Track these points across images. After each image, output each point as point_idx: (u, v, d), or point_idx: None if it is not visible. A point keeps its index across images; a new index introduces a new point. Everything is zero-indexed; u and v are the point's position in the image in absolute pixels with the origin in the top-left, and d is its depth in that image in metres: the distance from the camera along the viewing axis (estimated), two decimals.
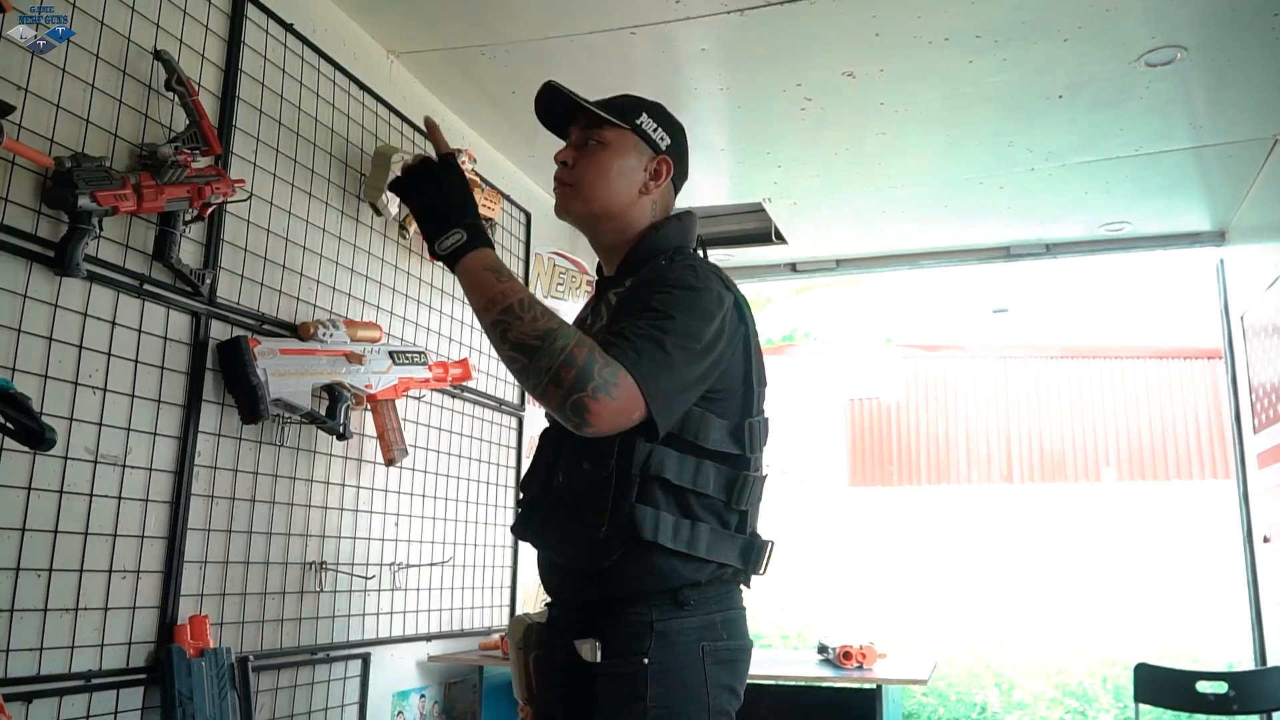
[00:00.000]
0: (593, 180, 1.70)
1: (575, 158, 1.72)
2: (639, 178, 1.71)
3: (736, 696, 1.60)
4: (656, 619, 1.53)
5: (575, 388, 1.40)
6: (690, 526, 1.55)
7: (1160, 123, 3.12)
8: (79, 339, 1.82)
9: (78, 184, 1.72)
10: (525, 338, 1.45)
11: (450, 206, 1.57)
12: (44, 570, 1.73)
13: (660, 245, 1.70)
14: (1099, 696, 6.12)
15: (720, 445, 1.59)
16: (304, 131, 2.44)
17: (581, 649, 1.56)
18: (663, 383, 1.46)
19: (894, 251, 4.54)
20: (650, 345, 1.47)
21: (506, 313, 1.47)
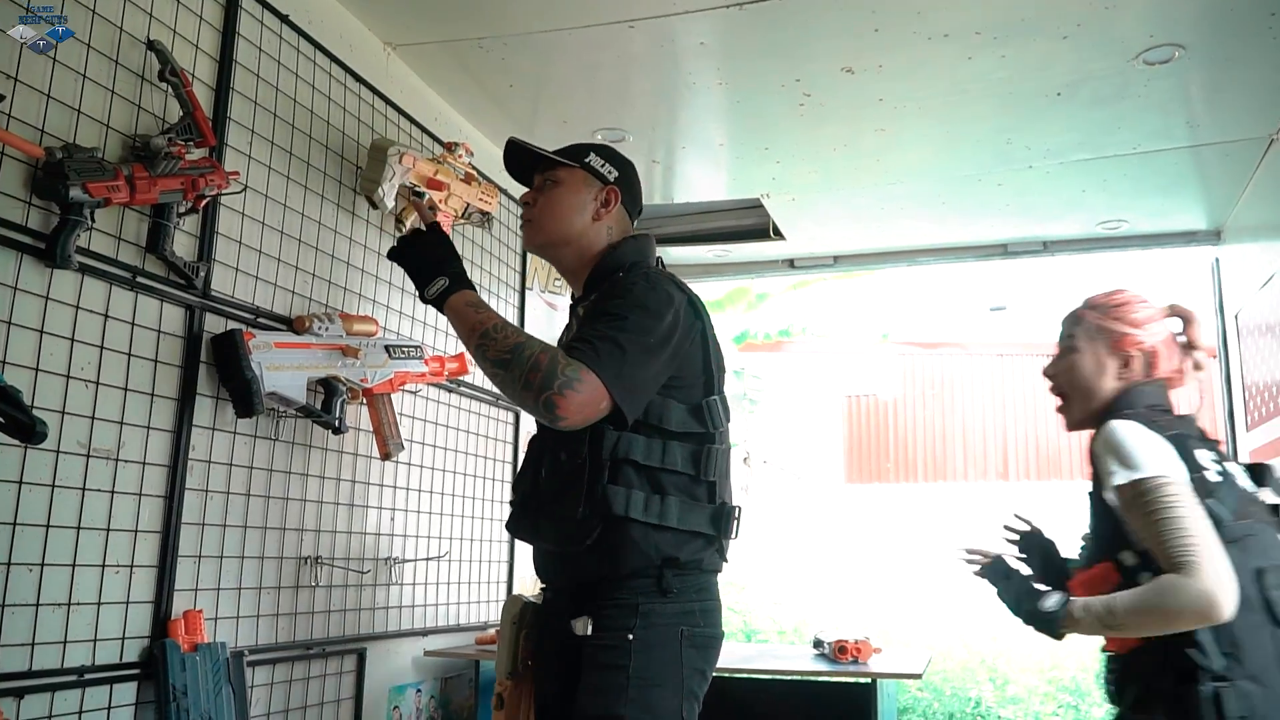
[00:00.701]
0: (548, 214, 1.96)
1: (535, 198, 1.99)
2: (591, 207, 1.96)
3: (705, 679, 1.80)
4: (642, 602, 1.74)
5: (544, 387, 1.64)
6: (660, 500, 1.75)
7: (1158, 121, 3.12)
8: (71, 332, 1.80)
9: (69, 175, 1.71)
10: (500, 354, 1.72)
11: (436, 260, 1.89)
12: (36, 565, 1.72)
13: (618, 262, 1.93)
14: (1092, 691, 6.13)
15: (683, 426, 1.79)
16: (299, 124, 2.43)
17: (575, 625, 1.76)
18: (623, 375, 1.69)
19: (892, 248, 4.53)
20: (607, 344, 1.70)
21: (484, 337, 1.75)
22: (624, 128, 3.27)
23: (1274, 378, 3.39)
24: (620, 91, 3.03)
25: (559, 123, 3.23)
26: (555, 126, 3.26)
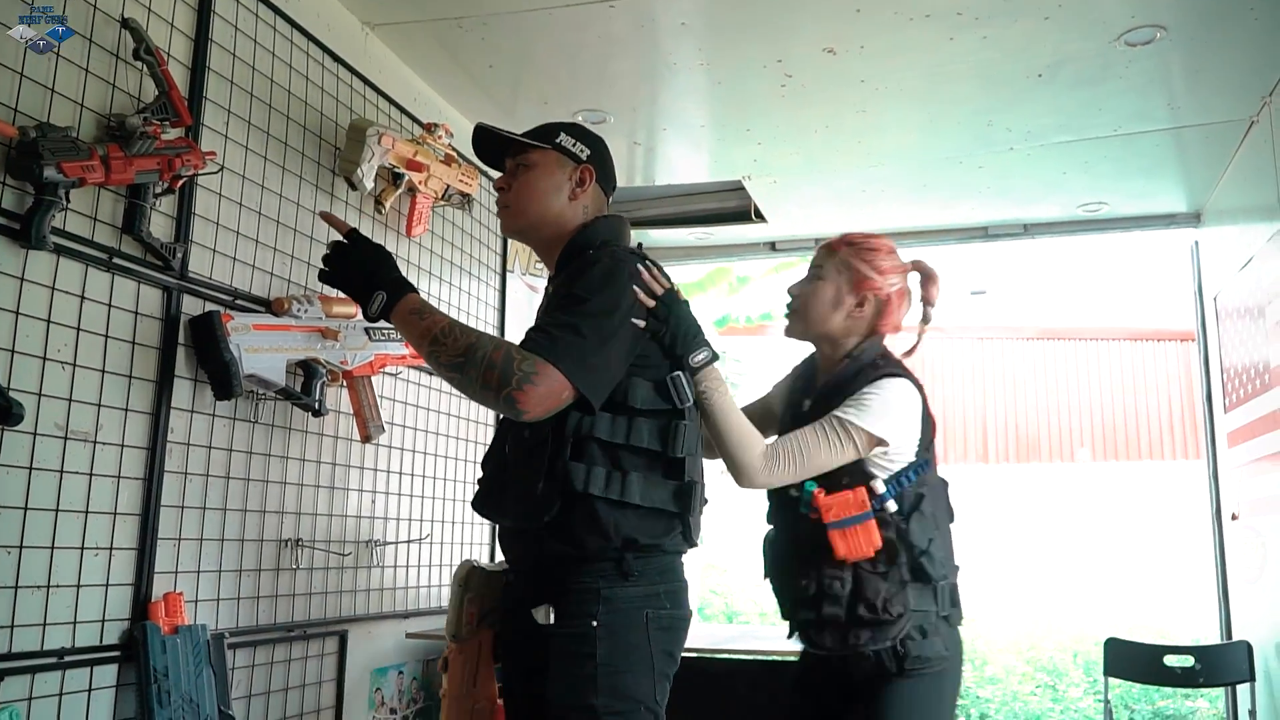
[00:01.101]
0: (525, 198, 1.92)
1: (509, 182, 1.95)
2: (566, 187, 1.92)
3: (674, 661, 1.79)
4: (604, 587, 1.71)
5: (502, 384, 1.63)
6: (622, 478, 1.71)
7: (1139, 103, 3.13)
8: (47, 313, 1.78)
9: (43, 154, 1.68)
10: (453, 358, 1.68)
11: (368, 274, 1.78)
12: (14, 547, 1.71)
13: (590, 240, 1.89)
14: (1069, 671, 6.20)
15: (649, 403, 1.76)
16: (277, 104, 2.41)
17: (536, 614, 1.73)
18: (585, 362, 1.67)
19: (874, 230, 4.51)
20: (565, 332, 1.68)
21: (434, 343, 1.71)
22: (604, 109, 3.26)
23: (1252, 360, 3.42)
24: (601, 72, 3.02)
25: (539, 103, 3.21)
26: (536, 107, 3.24)
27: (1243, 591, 3.79)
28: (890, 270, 2.05)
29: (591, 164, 1.93)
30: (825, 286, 2.03)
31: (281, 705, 2.35)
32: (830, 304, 2.03)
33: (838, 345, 2.06)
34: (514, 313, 3.60)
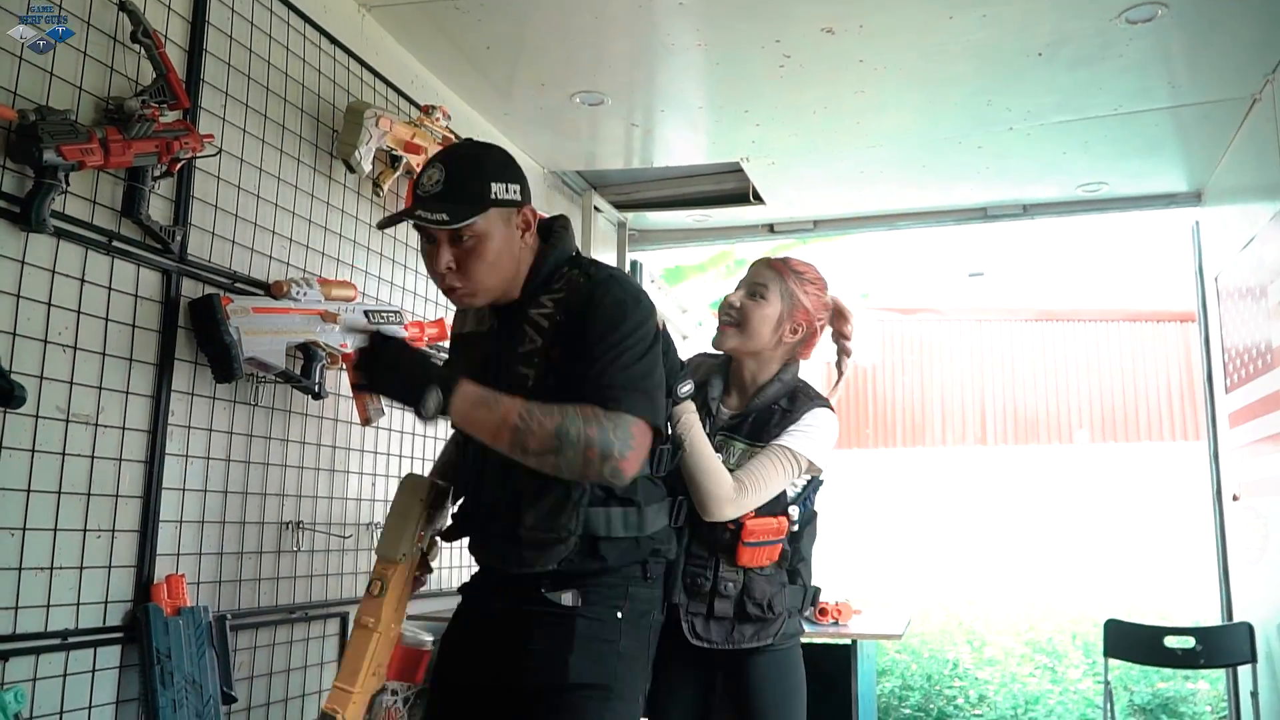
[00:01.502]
0: (484, 273, 1.72)
1: (460, 260, 1.71)
2: (515, 238, 1.75)
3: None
4: (630, 585, 1.76)
5: (604, 459, 1.60)
6: (637, 513, 1.74)
7: (1139, 81, 3.12)
8: (48, 296, 1.79)
9: (42, 138, 1.68)
10: (543, 445, 1.60)
11: (413, 376, 1.67)
12: (17, 529, 1.72)
13: (560, 260, 1.80)
14: (1069, 653, 6.22)
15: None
16: (274, 86, 2.40)
17: (560, 597, 1.72)
18: (653, 401, 1.69)
19: (872, 212, 4.53)
20: (632, 382, 1.66)
21: (515, 433, 1.61)
22: (602, 90, 3.25)
23: (1253, 340, 3.42)
24: (598, 53, 3.01)
25: (536, 85, 3.21)
26: (533, 89, 3.23)
27: (1244, 572, 3.80)
28: (821, 307, 2.20)
29: (525, 200, 1.76)
30: (768, 307, 2.12)
31: (284, 686, 2.36)
32: (772, 325, 2.12)
33: (764, 365, 2.16)
34: None
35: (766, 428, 2.09)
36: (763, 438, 2.07)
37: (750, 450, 2.08)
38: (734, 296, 2.16)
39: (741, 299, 2.15)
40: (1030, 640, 6.45)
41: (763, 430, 2.09)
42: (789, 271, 2.17)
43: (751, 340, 2.12)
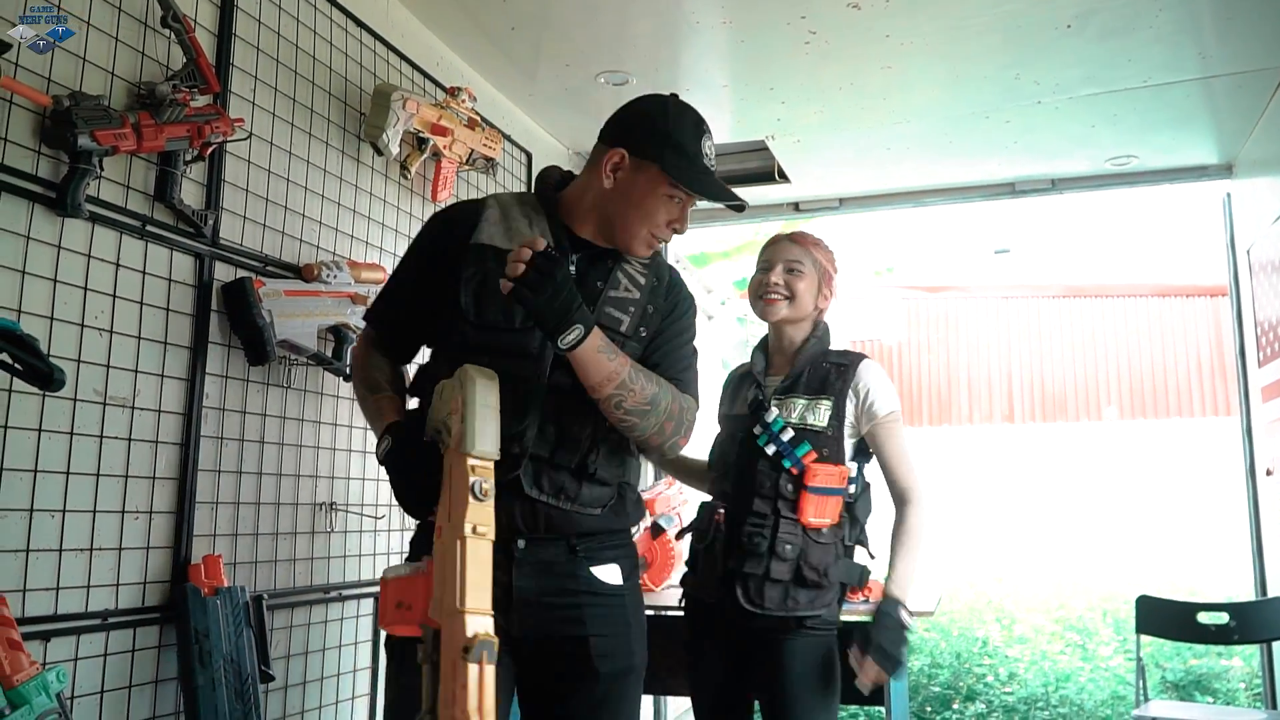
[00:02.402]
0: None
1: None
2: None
3: None
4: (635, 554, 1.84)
5: (674, 434, 1.73)
6: (636, 463, 1.84)
7: (1169, 52, 3.08)
8: (84, 281, 1.81)
9: (77, 123, 1.70)
10: (638, 405, 1.66)
11: (568, 305, 1.56)
12: (57, 511, 1.74)
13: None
14: (1099, 630, 6.20)
15: None
16: (302, 70, 2.41)
17: (604, 574, 1.74)
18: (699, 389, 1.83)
19: (898, 189, 4.50)
20: (696, 374, 1.83)
21: (621, 387, 1.63)
22: (626, 70, 3.24)
23: None
24: (622, 33, 3.00)
25: (561, 66, 3.20)
26: (557, 69, 3.23)
27: (1277, 547, 3.77)
28: (835, 270, 2.38)
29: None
30: (807, 279, 2.30)
31: (319, 665, 2.39)
32: (814, 294, 2.31)
33: (801, 329, 2.33)
34: None
35: (828, 382, 2.25)
36: (827, 391, 2.24)
37: (812, 403, 2.22)
38: (774, 275, 2.30)
39: (782, 275, 2.29)
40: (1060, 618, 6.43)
41: (824, 385, 2.25)
42: (811, 244, 2.34)
43: (800, 309, 2.29)
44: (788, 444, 2.17)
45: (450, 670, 1.28)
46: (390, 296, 1.82)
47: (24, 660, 1.54)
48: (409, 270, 1.80)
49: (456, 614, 1.30)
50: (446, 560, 1.35)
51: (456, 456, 1.41)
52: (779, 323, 2.32)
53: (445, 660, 1.30)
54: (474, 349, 1.61)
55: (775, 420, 2.19)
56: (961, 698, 5.46)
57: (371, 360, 1.80)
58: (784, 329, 2.33)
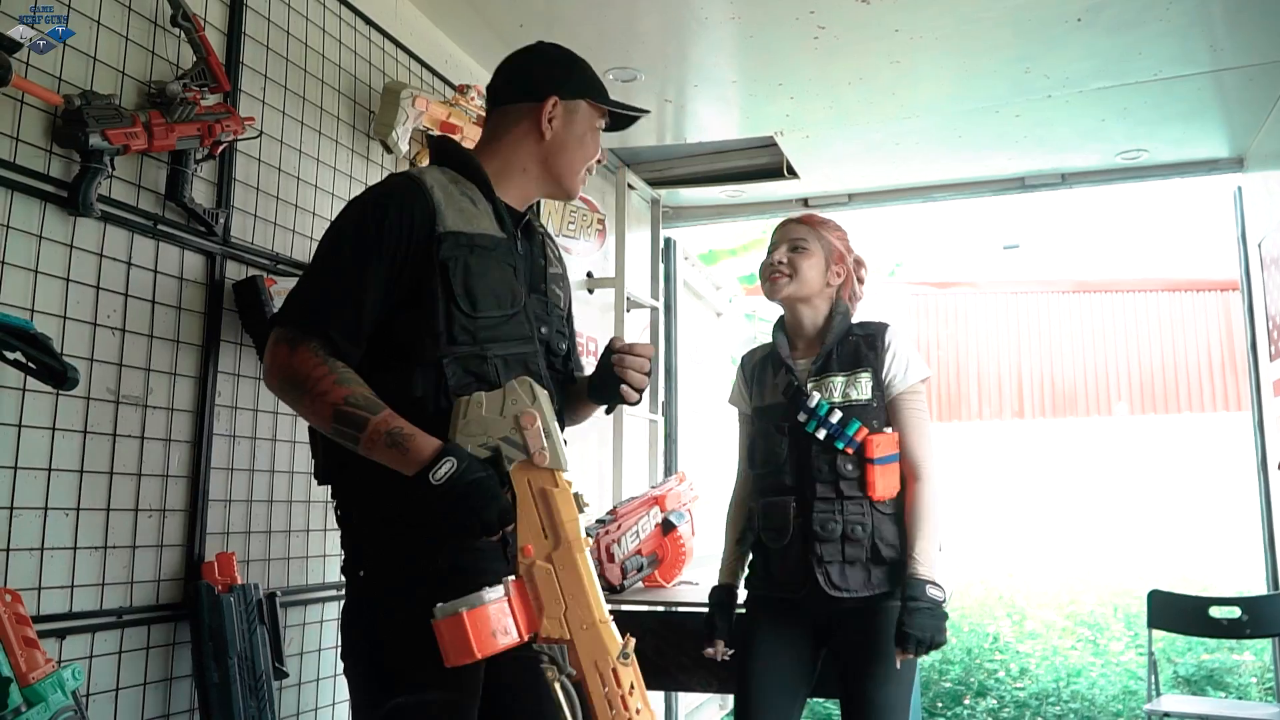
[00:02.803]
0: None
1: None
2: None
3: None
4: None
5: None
6: None
7: (1180, 45, 3.06)
8: (96, 279, 1.82)
9: (88, 122, 1.71)
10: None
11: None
12: (71, 509, 1.75)
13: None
14: (1110, 625, 6.19)
15: None
16: (311, 68, 2.41)
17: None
18: None
19: (907, 184, 4.49)
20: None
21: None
22: (634, 66, 3.24)
23: None
24: (630, 29, 2.99)
25: None
26: None
27: None
28: (848, 250, 2.36)
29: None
30: (812, 257, 2.29)
31: (333, 662, 2.40)
32: (820, 272, 2.29)
33: (818, 309, 2.32)
34: None
35: (859, 354, 2.25)
36: (861, 363, 2.24)
37: (851, 378, 2.23)
38: (778, 254, 2.30)
39: (786, 254, 2.29)
40: (1071, 613, 6.43)
41: (857, 357, 2.25)
42: (818, 223, 2.35)
43: (804, 286, 2.28)
44: (837, 425, 2.17)
45: (602, 678, 1.34)
46: (356, 299, 1.53)
47: (40, 658, 1.54)
48: (374, 269, 1.54)
49: (594, 625, 1.36)
50: (564, 576, 1.38)
51: (543, 473, 1.42)
52: (788, 301, 2.31)
53: (589, 670, 1.35)
54: (484, 341, 1.57)
55: (820, 404, 2.19)
56: (973, 693, 5.46)
57: (343, 372, 1.49)
58: (797, 308, 2.31)
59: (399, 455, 1.44)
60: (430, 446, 1.44)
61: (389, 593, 1.54)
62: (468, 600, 1.34)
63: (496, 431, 1.44)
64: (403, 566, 1.54)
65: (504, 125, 1.74)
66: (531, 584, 1.38)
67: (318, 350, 1.49)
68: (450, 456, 1.41)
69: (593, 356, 3.94)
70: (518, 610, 1.37)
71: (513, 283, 1.64)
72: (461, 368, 1.53)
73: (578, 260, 3.94)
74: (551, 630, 1.37)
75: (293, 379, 1.50)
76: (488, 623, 1.35)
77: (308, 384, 1.48)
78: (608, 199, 4.16)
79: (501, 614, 1.36)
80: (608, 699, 1.34)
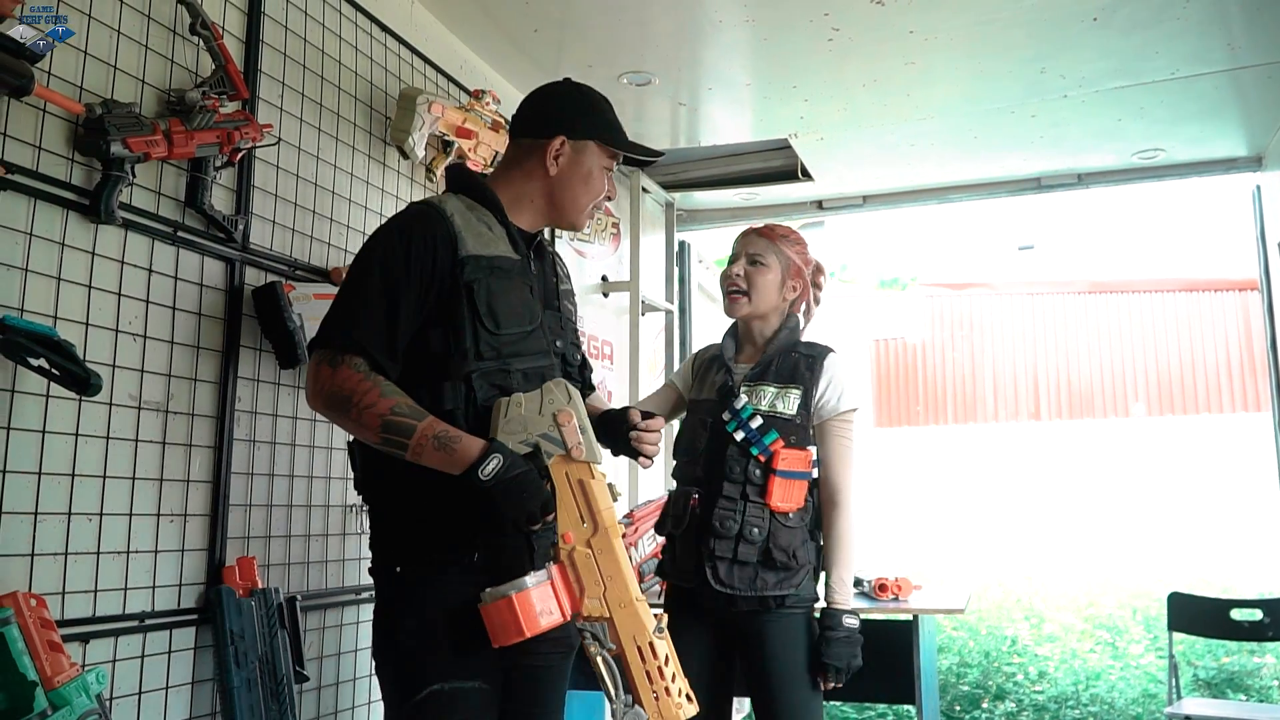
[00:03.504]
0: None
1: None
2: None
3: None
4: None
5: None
6: None
7: (1197, 44, 3.05)
8: (118, 286, 1.83)
9: (109, 130, 1.72)
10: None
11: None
12: (94, 514, 1.76)
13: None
14: (1129, 628, 6.15)
15: None
16: (328, 75, 2.43)
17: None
18: None
19: (922, 186, 4.48)
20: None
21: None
22: (649, 70, 3.24)
23: None
24: (644, 33, 3.00)
25: (583, 67, 3.21)
26: (580, 71, 3.22)
27: None
28: (806, 263, 2.40)
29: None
30: (769, 273, 2.33)
31: (352, 665, 2.41)
32: (776, 287, 2.34)
33: (769, 321, 2.37)
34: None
35: (797, 371, 2.30)
36: (797, 380, 2.29)
37: (782, 391, 2.27)
38: (736, 268, 2.35)
39: (744, 268, 2.34)
40: (1090, 616, 6.39)
41: (794, 374, 2.30)
42: (778, 237, 2.37)
43: (761, 304, 2.33)
44: (756, 431, 2.23)
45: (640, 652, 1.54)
46: (390, 319, 1.59)
47: (64, 662, 1.56)
48: (407, 293, 1.61)
49: (631, 604, 1.54)
50: (602, 560, 1.55)
51: (580, 466, 1.57)
52: (745, 318, 2.37)
53: (628, 645, 1.54)
54: (507, 356, 1.65)
55: (745, 407, 2.25)
56: (991, 696, 5.43)
57: (385, 385, 1.56)
58: (753, 324, 2.38)
59: (447, 457, 1.53)
60: (476, 446, 1.53)
61: (423, 587, 1.62)
62: (514, 584, 1.50)
63: (535, 429, 1.58)
64: (435, 563, 1.62)
65: (517, 157, 1.83)
66: (573, 568, 1.55)
67: (359, 367, 1.56)
68: (496, 454, 1.52)
69: (608, 360, 3.95)
70: (560, 592, 1.54)
71: (531, 301, 1.73)
72: (487, 382, 1.62)
73: (593, 264, 3.95)
74: (593, 609, 1.55)
75: (337, 396, 1.56)
76: (533, 605, 1.50)
77: (353, 399, 1.54)
78: (622, 203, 4.16)
79: (545, 596, 1.52)
80: (646, 671, 1.53)
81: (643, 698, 1.54)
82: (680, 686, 1.56)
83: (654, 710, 1.54)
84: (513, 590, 1.49)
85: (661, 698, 1.54)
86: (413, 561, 1.63)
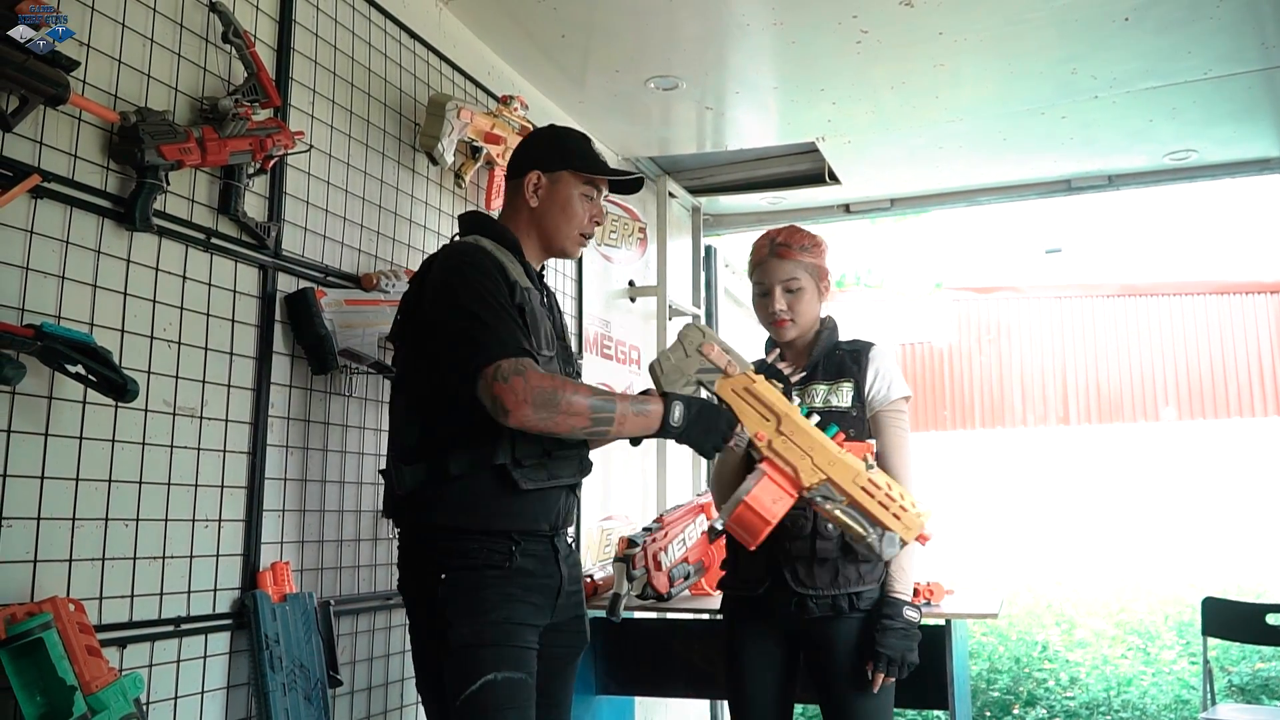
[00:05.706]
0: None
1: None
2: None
3: None
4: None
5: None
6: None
7: (1230, 43, 3.01)
8: (153, 293, 1.84)
9: (143, 139, 1.74)
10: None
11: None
12: (131, 520, 1.78)
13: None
14: (1162, 634, 6.08)
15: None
16: (358, 82, 2.44)
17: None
18: None
19: (950, 189, 4.45)
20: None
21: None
22: (675, 74, 3.24)
23: None
24: (670, 37, 3.00)
25: (610, 72, 3.21)
26: (606, 76, 3.24)
27: None
28: (826, 259, 2.39)
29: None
30: (807, 294, 2.32)
31: (384, 670, 2.41)
32: (815, 301, 2.35)
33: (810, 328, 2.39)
34: (589, 283, 3.62)
35: (844, 367, 2.31)
36: (845, 374, 2.30)
37: (833, 387, 2.29)
38: (777, 302, 2.31)
39: (784, 299, 2.31)
40: (1121, 621, 6.33)
41: (841, 369, 2.31)
42: (799, 249, 2.32)
43: (806, 323, 2.34)
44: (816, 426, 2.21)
45: (864, 489, 1.85)
46: (519, 326, 1.81)
47: (102, 667, 1.57)
48: (509, 306, 1.81)
49: (838, 459, 1.87)
50: (798, 438, 1.88)
51: (740, 378, 1.90)
52: (795, 341, 2.37)
53: (853, 489, 1.85)
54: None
55: (801, 408, 2.20)
56: (1022, 702, 5.38)
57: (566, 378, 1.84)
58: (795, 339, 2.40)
59: (645, 420, 1.80)
60: (658, 404, 1.81)
61: (470, 590, 1.77)
62: (739, 492, 1.85)
63: (690, 369, 1.89)
64: (478, 567, 1.78)
65: (509, 198, 2.04)
66: (779, 456, 1.86)
67: (536, 368, 1.74)
68: (676, 403, 1.82)
69: (635, 365, 3.94)
70: (779, 480, 1.86)
71: (550, 328, 1.93)
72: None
73: (620, 269, 3.95)
74: (811, 478, 1.86)
75: (543, 395, 1.70)
76: (761, 499, 1.83)
77: (559, 395, 1.71)
78: (649, 207, 4.17)
79: (767, 489, 1.84)
80: (879, 502, 1.84)
81: (887, 523, 1.82)
82: (910, 500, 1.84)
83: (901, 528, 1.82)
84: (743, 495, 1.82)
85: (901, 516, 1.83)
86: (458, 569, 1.77)
